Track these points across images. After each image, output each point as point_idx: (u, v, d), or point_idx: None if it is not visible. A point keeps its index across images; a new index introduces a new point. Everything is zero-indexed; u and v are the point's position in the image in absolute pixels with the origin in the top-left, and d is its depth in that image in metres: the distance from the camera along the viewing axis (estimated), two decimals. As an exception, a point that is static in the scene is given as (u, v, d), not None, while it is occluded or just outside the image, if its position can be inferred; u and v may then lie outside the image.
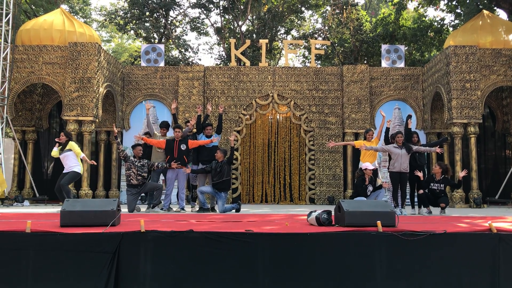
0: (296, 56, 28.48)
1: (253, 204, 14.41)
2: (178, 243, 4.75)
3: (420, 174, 9.15)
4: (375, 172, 9.36)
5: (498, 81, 13.68)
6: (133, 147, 9.30)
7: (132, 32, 24.77)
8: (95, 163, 10.39)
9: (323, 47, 22.84)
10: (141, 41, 24.97)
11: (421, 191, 9.20)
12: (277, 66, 18.62)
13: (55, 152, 9.40)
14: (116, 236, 4.73)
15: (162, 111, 15.11)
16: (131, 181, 8.98)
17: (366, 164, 9.07)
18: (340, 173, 14.95)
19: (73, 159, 9.22)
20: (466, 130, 13.41)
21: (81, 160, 9.46)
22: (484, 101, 13.82)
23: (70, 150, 9.26)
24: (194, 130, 10.24)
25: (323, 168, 15.00)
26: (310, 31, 25.64)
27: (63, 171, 9.29)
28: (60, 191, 9.06)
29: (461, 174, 9.48)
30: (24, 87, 13.81)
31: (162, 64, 15.73)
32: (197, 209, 9.53)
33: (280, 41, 24.98)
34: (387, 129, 9.93)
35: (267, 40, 17.62)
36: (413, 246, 4.85)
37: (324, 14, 26.04)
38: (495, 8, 18.91)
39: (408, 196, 10.04)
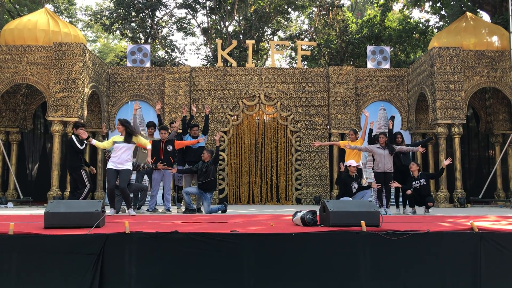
0: (283, 57, 28.57)
1: (240, 205, 14.42)
2: (163, 244, 4.75)
3: (397, 184, 9.23)
4: (359, 171, 9.45)
5: (482, 82, 13.87)
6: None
7: (118, 32, 24.61)
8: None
9: (310, 48, 22.93)
10: (127, 42, 24.82)
11: (408, 192, 9.29)
12: (264, 67, 18.67)
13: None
14: (101, 238, 4.72)
15: (148, 112, 15.04)
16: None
17: (350, 161, 9.17)
18: (326, 173, 15.03)
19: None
20: (450, 130, 13.58)
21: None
22: (468, 102, 14.01)
23: (134, 143, 8.31)
24: (180, 131, 10.23)
25: (310, 169, 15.07)
26: (297, 32, 25.72)
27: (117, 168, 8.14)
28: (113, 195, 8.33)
29: (445, 162, 9.60)
30: (8, 88, 13.64)
31: (148, 64, 15.66)
32: (183, 210, 9.52)
33: (266, 42, 25.02)
34: (371, 130, 10.02)
35: (253, 41, 17.64)
36: (396, 245, 4.92)
37: (310, 15, 26.16)
38: (478, 10, 19.18)
39: (392, 196, 10.14)
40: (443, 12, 21.11)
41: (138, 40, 22.88)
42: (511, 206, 12.67)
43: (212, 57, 24.17)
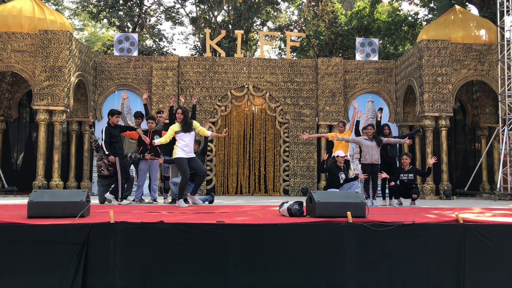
0: (272, 48, 28.46)
1: (228, 196, 14.41)
2: (148, 234, 4.71)
3: (386, 175, 9.26)
4: (347, 162, 9.47)
5: (469, 75, 13.95)
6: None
7: (105, 21, 24.31)
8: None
9: (299, 39, 22.87)
10: (114, 30, 24.54)
11: (392, 183, 9.34)
12: (253, 57, 18.59)
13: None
14: (85, 228, 4.67)
15: (135, 101, 14.91)
16: (102, 171, 8.84)
17: (338, 152, 9.18)
18: (314, 165, 15.06)
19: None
20: (437, 123, 13.66)
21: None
22: (455, 95, 14.10)
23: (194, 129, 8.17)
24: (167, 121, 10.15)
25: (298, 160, 15.08)
26: (286, 23, 25.62)
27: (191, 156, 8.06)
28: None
29: (430, 161, 9.64)
30: (-8, 75, 13.43)
31: (135, 53, 15.49)
32: (170, 200, 9.46)
33: (256, 33, 24.91)
34: (357, 122, 10.03)
35: (242, 31, 17.53)
36: (382, 236, 4.93)
37: (300, 6, 26.07)
38: (467, 3, 19.26)
39: (379, 188, 10.19)
40: (432, 5, 21.17)
41: (126, 29, 22.63)
42: (495, 198, 12.81)
43: (200, 47, 24.01)
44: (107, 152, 8.58)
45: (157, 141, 8.19)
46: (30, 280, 4.55)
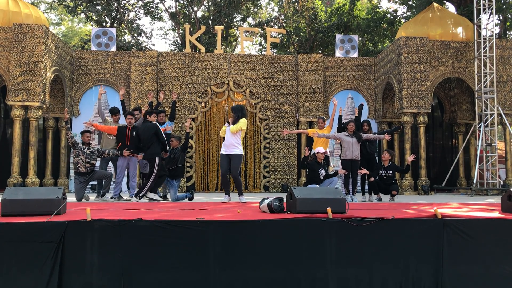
0: (252, 44, 28.40)
1: (208, 192, 14.33)
2: (126, 232, 4.62)
3: (365, 171, 9.33)
4: (327, 158, 9.49)
5: (447, 72, 14.14)
6: (82, 133, 8.99)
7: (82, 15, 23.88)
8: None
9: (279, 36, 22.87)
10: (92, 25, 24.14)
11: (372, 179, 9.41)
12: (233, 53, 18.50)
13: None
14: (61, 225, 4.55)
15: (113, 97, 14.69)
16: (79, 168, 8.68)
17: (318, 148, 9.20)
18: (294, 161, 15.08)
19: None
20: (415, 119, 13.81)
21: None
22: (433, 91, 14.27)
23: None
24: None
25: (278, 156, 15.09)
26: (266, 19, 25.58)
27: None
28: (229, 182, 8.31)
29: (409, 158, 9.74)
30: (-35, 70, 13.06)
31: (113, 48, 15.26)
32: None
33: (236, 28, 24.80)
34: (340, 117, 10.07)
35: (222, 27, 17.41)
36: (362, 232, 4.93)
37: (280, 3, 26.04)
38: (444, 1, 19.50)
39: (359, 184, 10.25)
40: (410, 3, 21.37)
41: (104, 24, 22.27)
42: (472, 193, 13.02)
43: (180, 43, 23.80)
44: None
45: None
46: (3, 281, 4.42)
